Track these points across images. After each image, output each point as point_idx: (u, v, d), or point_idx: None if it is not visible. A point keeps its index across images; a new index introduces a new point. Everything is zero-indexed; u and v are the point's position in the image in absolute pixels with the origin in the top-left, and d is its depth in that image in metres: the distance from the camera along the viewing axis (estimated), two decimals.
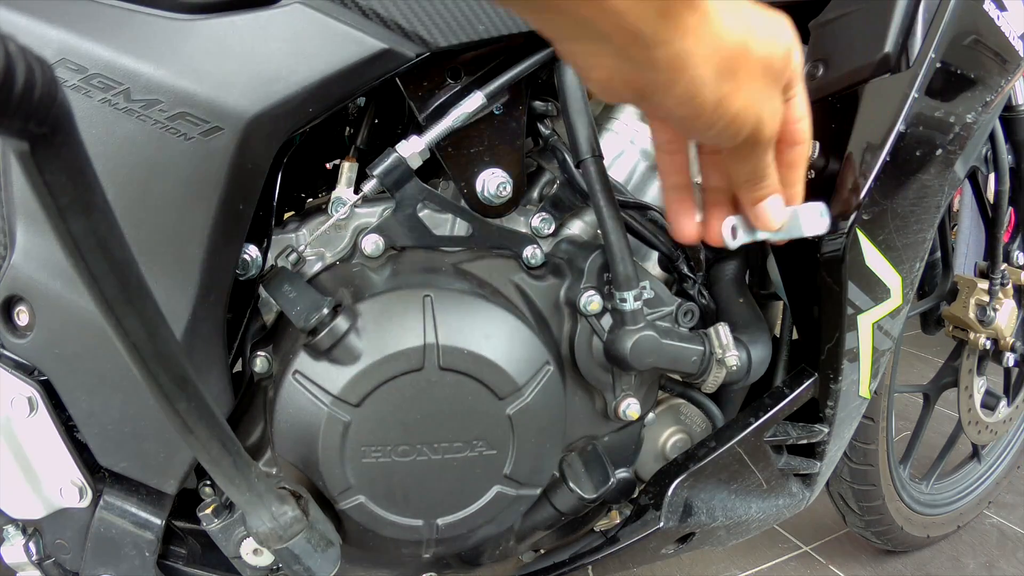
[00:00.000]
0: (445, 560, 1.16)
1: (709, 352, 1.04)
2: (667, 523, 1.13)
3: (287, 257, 1.01)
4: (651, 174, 1.17)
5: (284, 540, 0.83)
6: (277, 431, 0.94)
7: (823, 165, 1.03)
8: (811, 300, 1.10)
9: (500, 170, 1.03)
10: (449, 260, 1.04)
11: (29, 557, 1.01)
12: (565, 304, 1.06)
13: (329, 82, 0.87)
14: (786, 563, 1.97)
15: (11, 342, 0.89)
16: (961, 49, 1.00)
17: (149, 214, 0.85)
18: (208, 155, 0.84)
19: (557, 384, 0.99)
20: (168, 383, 0.61)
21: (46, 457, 0.93)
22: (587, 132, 1.00)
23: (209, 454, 0.71)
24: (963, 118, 1.02)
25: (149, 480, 0.96)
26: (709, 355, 1.04)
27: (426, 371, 0.92)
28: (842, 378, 1.12)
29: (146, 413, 0.91)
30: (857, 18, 1.01)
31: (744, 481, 1.18)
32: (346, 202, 1.00)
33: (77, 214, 0.47)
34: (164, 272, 0.86)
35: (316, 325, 0.88)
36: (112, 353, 0.86)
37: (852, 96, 1.00)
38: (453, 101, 0.99)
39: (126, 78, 0.81)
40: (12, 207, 0.85)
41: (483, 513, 1.00)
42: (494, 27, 0.92)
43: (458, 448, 0.95)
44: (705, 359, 1.04)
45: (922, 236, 1.07)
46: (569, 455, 1.12)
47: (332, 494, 0.94)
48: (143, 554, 0.98)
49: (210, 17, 0.84)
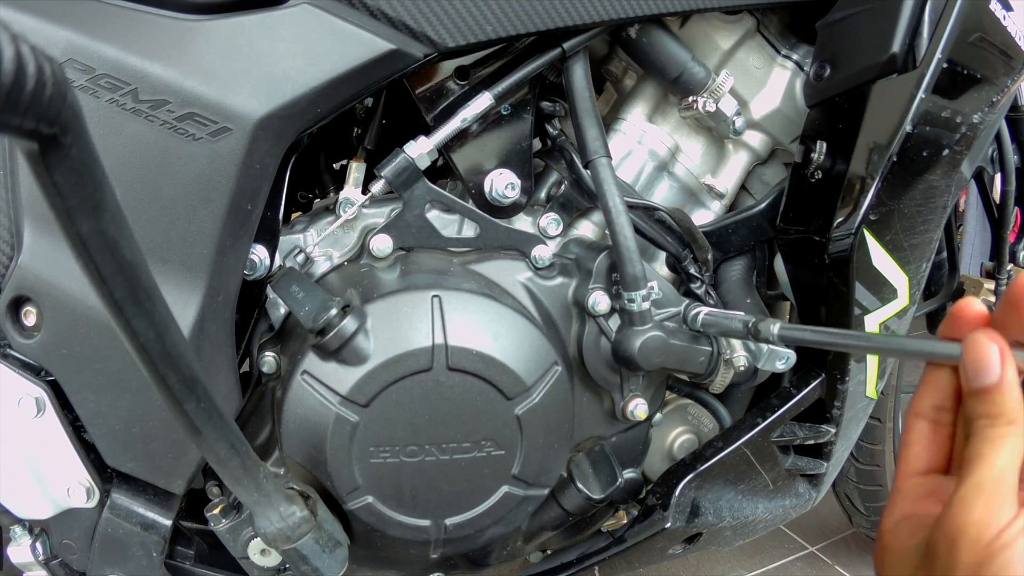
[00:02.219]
0: (452, 560, 1.15)
1: (717, 352, 1.04)
2: (674, 523, 1.12)
3: (295, 257, 1.01)
4: (659, 175, 1.17)
5: (292, 540, 0.83)
6: (285, 431, 0.94)
7: (830, 166, 1.03)
8: (818, 300, 1.09)
9: (508, 170, 1.04)
10: (457, 260, 1.04)
11: (36, 557, 1.01)
12: (573, 304, 1.06)
13: (337, 83, 0.87)
14: (792, 563, 1.96)
15: (19, 342, 0.89)
16: (967, 49, 1.00)
17: (157, 214, 0.85)
18: (216, 156, 0.84)
19: (565, 384, 0.99)
20: (176, 384, 0.61)
21: (53, 457, 0.93)
22: (595, 132, 1.00)
23: (217, 455, 0.71)
24: (970, 118, 1.01)
25: (157, 480, 0.95)
26: (717, 355, 1.04)
27: (435, 371, 0.92)
28: (849, 379, 1.11)
29: (154, 413, 0.90)
30: (864, 18, 1.00)
31: (751, 481, 1.18)
32: (354, 202, 1.00)
33: (86, 215, 0.47)
34: (172, 272, 0.86)
35: (324, 325, 0.88)
36: (120, 353, 0.86)
37: (859, 96, 1.00)
38: (461, 102, 0.99)
39: (134, 78, 0.81)
40: (20, 207, 0.85)
41: (491, 513, 1.00)
42: (502, 28, 0.92)
43: (466, 448, 0.95)
44: (713, 359, 1.04)
45: (928, 236, 1.07)
46: (577, 455, 1.12)
47: (340, 494, 0.94)
48: (150, 554, 0.98)
49: (218, 18, 0.84)
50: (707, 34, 1.11)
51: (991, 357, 0.55)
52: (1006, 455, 0.53)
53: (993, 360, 0.55)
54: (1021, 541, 0.50)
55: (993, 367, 0.55)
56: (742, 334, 0.93)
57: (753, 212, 1.15)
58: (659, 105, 1.16)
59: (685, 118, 1.16)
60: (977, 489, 0.52)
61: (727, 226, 1.16)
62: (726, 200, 1.20)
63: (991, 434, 0.54)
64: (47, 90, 0.39)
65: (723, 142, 1.18)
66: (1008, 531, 0.50)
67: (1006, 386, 0.54)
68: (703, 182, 1.18)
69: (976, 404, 0.56)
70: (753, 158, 1.18)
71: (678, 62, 1.05)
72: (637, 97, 1.16)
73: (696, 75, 1.06)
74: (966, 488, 0.53)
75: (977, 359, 0.56)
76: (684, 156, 1.17)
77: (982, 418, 0.55)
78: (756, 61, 1.13)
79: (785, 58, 1.14)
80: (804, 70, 1.13)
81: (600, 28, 0.99)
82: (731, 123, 1.09)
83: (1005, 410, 0.54)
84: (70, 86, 0.42)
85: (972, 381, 0.56)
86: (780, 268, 1.16)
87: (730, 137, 1.15)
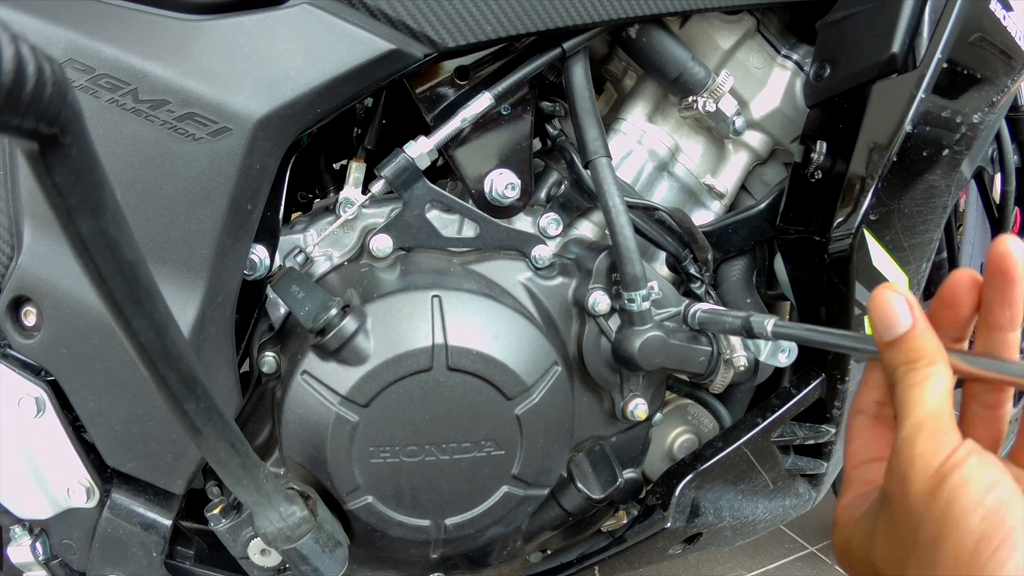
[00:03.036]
0: (452, 560, 1.15)
1: (717, 352, 1.04)
2: (674, 523, 1.12)
3: (295, 257, 1.01)
4: (659, 174, 1.17)
5: (292, 541, 0.83)
6: (285, 431, 0.94)
7: (830, 166, 1.03)
8: (818, 300, 1.09)
9: (508, 170, 1.04)
10: (457, 260, 1.04)
11: (36, 557, 1.01)
12: (573, 304, 1.06)
13: (337, 83, 0.87)
14: (792, 563, 1.96)
15: (19, 342, 0.89)
16: (967, 49, 1.00)
17: (157, 214, 0.85)
18: (216, 156, 0.84)
19: (565, 384, 0.99)
20: (176, 384, 0.61)
21: (53, 457, 0.93)
22: (595, 132, 1.00)
23: (217, 455, 0.71)
24: (970, 118, 1.01)
25: (157, 480, 0.95)
26: (717, 355, 1.04)
27: (434, 371, 0.92)
28: (849, 379, 1.11)
29: (154, 413, 0.90)
30: (864, 18, 1.00)
31: (751, 481, 1.18)
32: (354, 202, 1.00)
33: (86, 215, 0.47)
34: (172, 272, 0.86)
35: (324, 325, 0.88)
36: (120, 353, 0.86)
37: (859, 96, 1.00)
38: (461, 102, 0.99)
39: (134, 78, 0.81)
40: (20, 207, 0.86)
41: (491, 513, 1.00)
42: (502, 28, 0.92)
43: (466, 448, 0.95)
44: (713, 359, 1.04)
45: (928, 236, 1.07)
46: (577, 455, 1.12)
47: (340, 494, 0.94)
48: (150, 554, 0.98)
49: (218, 18, 0.84)
50: (707, 34, 1.11)
51: (898, 306, 0.56)
52: (936, 393, 0.54)
53: (900, 309, 0.56)
54: (970, 461, 0.51)
55: (902, 315, 0.56)
56: (737, 331, 0.93)
57: (753, 212, 1.15)
58: (659, 105, 1.16)
59: (685, 118, 1.16)
60: (917, 427, 0.54)
61: (727, 226, 1.16)
62: (726, 200, 1.20)
63: (916, 377, 0.55)
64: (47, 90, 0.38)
65: (723, 142, 1.18)
66: (954, 456, 0.52)
67: (919, 331, 0.56)
68: (703, 182, 1.18)
69: (895, 355, 0.57)
70: (753, 158, 1.18)
71: (678, 62, 1.05)
72: (637, 97, 1.16)
73: (696, 75, 1.06)
74: (906, 429, 0.54)
75: (884, 311, 0.57)
76: (684, 156, 1.17)
77: (903, 365, 0.56)
78: (756, 61, 1.13)
79: (785, 58, 1.14)
80: (804, 70, 1.13)
81: (600, 28, 0.99)
82: (731, 123, 1.09)
83: (924, 353, 0.55)
84: (70, 86, 0.42)
85: (885, 334, 0.57)
86: (780, 268, 1.16)
87: (730, 137, 1.15)
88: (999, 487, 0.50)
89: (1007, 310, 0.55)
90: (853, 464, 0.63)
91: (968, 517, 0.50)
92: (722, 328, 0.98)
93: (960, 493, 0.50)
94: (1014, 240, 0.53)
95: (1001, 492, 0.50)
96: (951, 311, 0.57)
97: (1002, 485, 0.50)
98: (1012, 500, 0.50)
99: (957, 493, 0.50)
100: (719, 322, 0.98)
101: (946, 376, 0.55)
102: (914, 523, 0.53)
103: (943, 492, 0.51)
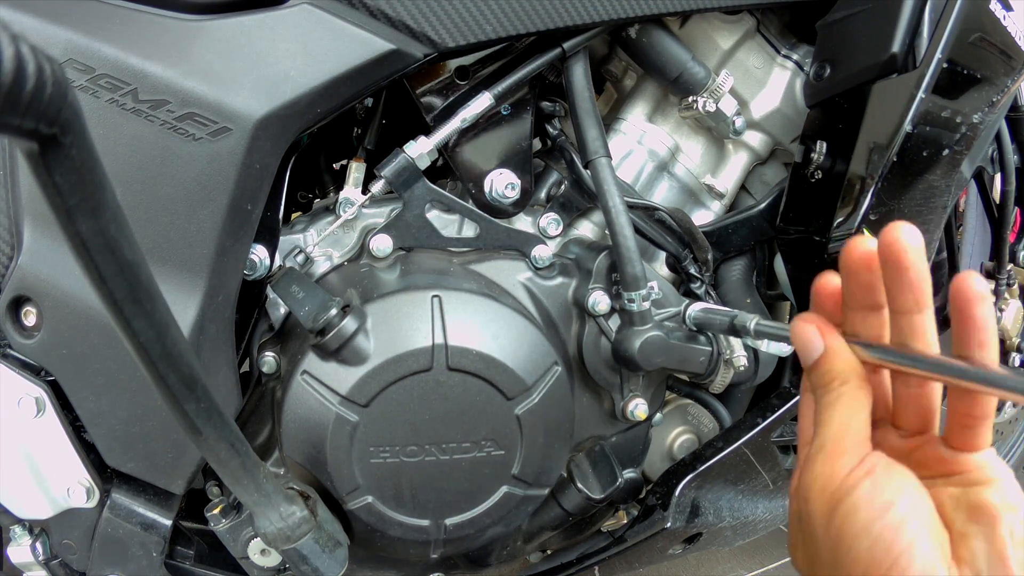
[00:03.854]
0: (452, 560, 1.15)
1: (717, 352, 1.04)
2: (674, 523, 1.12)
3: (295, 257, 1.01)
4: (659, 174, 1.17)
5: (292, 541, 0.83)
6: (285, 431, 0.94)
7: (830, 166, 1.03)
8: None
9: (508, 170, 1.04)
10: (457, 260, 1.04)
11: (36, 557, 1.01)
12: (573, 304, 1.06)
13: (337, 83, 0.87)
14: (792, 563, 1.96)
15: (19, 342, 0.89)
16: (968, 49, 1.00)
17: (157, 214, 0.85)
18: (216, 156, 0.84)
19: (565, 384, 0.99)
20: (176, 384, 0.61)
21: (53, 457, 0.93)
22: (595, 132, 1.00)
23: (217, 455, 0.71)
24: (970, 118, 1.01)
25: (157, 480, 0.95)
26: (717, 355, 1.04)
27: (434, 371, 0.92)
28: None
29: (154, 414, 0.90)
30: (864, 18, 1.00)
31: (751, 481, 1.18)
32: (354, 202, 1.00)
33: (86, 215, 0.47)
34: (172, 272, 0.86)
35: (324, 325, 0.88)
36: (120, 353, 0.86)
37: (859, 96, 1.00)
38: (461, 102, 0.99)
39: (134, 78, 0.81)
40: (20, 207, 0.85)
41: (491, 513, 1.00)
42: (502, 28, 0.92)
43: (466, 448, 0.95)
44: (713, 359, 1.04)
45: (928, 236, 1.07)
46: (577, 455, 1.12)
47: (340, 494, 0.94)
48: (150, 554, 0.98)
49: (218, 18, 0.84)
50: (707, 34, 1.11)
51: (811, 335, 0.61)
52: (844, 414, 0.58)
53: (813, 337, 0.61)
54: (864, 484, 0.54)
55: (816, 342, 0.61)
56: (726, 329, 0.93)
57: (753, 212, 1.15)
58: (659, 105, 1.16)
59: (685, 118, 1.16)
60: (818, 449, 0.58)
61: (727, 226, 1.15)
62: (726, 200, 1.20)
63: (829, 399, 0.59)
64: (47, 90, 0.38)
65: (723, 142, 1.18)
66: (849, 478, 0.54)
67: (831, 352, 0.60)
68: (703, 182, 1.18)
69: (813, 377, 0.61)
70: (753, 158, 1.18)
71: (678, 62, 1.05)
72: (637, 97, 1.16)
73: (696, 75, 1.06)
74: (811, 451, 0.59)
75: (800, 340, 0.62)
76: (684, 156, 1.17)
77: (819, 388, 0.60)
78: (756, 61, 1.13)
79: (785, 58, 1.14)
80: (804, 70, 1.13)
81: (600, 28, 0.99)
82: (731, 123, 1.09)
83: (836, 374, 0.59)
84: (70, 86, 0.42)
85: (806, 361, 0.62)
86: (780, 268, 1.16)
87: (730, 137, 1.15)
88: (892, 509, 0.52)
89: (908, 294, 0.57)
90: (804, 443, 0.66)
91: (857, 545, 0.53)
92: (712, 326, 0.99)
93: (850, 521, 0.53)
94: (904, 227, 0.55)
95: (893, 515, 0.52)
96: (855, 280, 0.59)
97: (896, 505, 0.52)
98: (906, 519, 0.52)
99: (847, 520, 0.53)
100: (711, 320, 0.99)
101: (857, 393, 0.59)
102: (817, 543, 0.56)
103: (836, 518, 0.54)
